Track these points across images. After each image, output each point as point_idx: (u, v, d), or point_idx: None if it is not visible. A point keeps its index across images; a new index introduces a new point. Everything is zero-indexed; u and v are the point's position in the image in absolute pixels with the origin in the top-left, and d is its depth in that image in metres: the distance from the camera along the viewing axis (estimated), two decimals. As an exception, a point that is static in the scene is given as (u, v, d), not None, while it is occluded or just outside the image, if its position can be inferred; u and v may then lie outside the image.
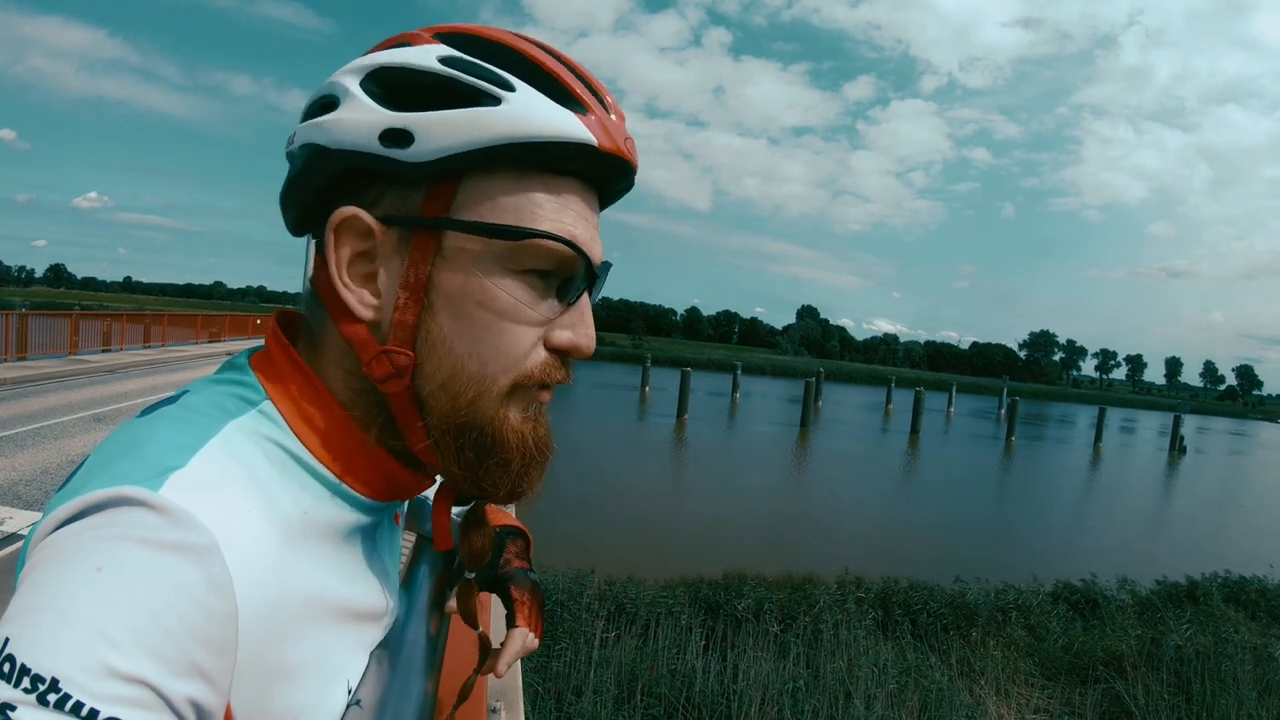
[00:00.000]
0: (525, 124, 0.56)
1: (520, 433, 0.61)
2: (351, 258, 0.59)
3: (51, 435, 9.35)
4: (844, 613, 7.76)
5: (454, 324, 0.58)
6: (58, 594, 0.42)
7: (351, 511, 0.62)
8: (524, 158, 0.57)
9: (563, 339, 0.61)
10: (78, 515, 0.46)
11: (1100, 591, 9.55)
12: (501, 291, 0.58)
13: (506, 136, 0.56)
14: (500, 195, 0.58)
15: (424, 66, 0.57)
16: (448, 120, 0.56)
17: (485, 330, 0.58)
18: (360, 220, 0.58)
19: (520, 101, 0.57)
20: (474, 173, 0.58)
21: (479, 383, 0.59)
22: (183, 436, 0.52)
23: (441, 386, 0.59)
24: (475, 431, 0.60)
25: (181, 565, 0.45)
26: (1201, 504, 24.25)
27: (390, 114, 0.57)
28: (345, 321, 0.60)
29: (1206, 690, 6.52)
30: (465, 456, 0.60)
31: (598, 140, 0.58)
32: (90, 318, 20.42)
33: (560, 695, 5.70)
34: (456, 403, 0.59)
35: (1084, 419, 60.74)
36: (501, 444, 0.60)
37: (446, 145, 0.56)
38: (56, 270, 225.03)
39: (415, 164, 0.56)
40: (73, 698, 0.39)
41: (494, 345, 0.59)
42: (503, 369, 0.59)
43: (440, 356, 0.59)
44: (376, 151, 0.57)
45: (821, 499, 18.47)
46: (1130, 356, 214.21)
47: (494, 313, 0.58)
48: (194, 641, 0.44)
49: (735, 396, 44.00)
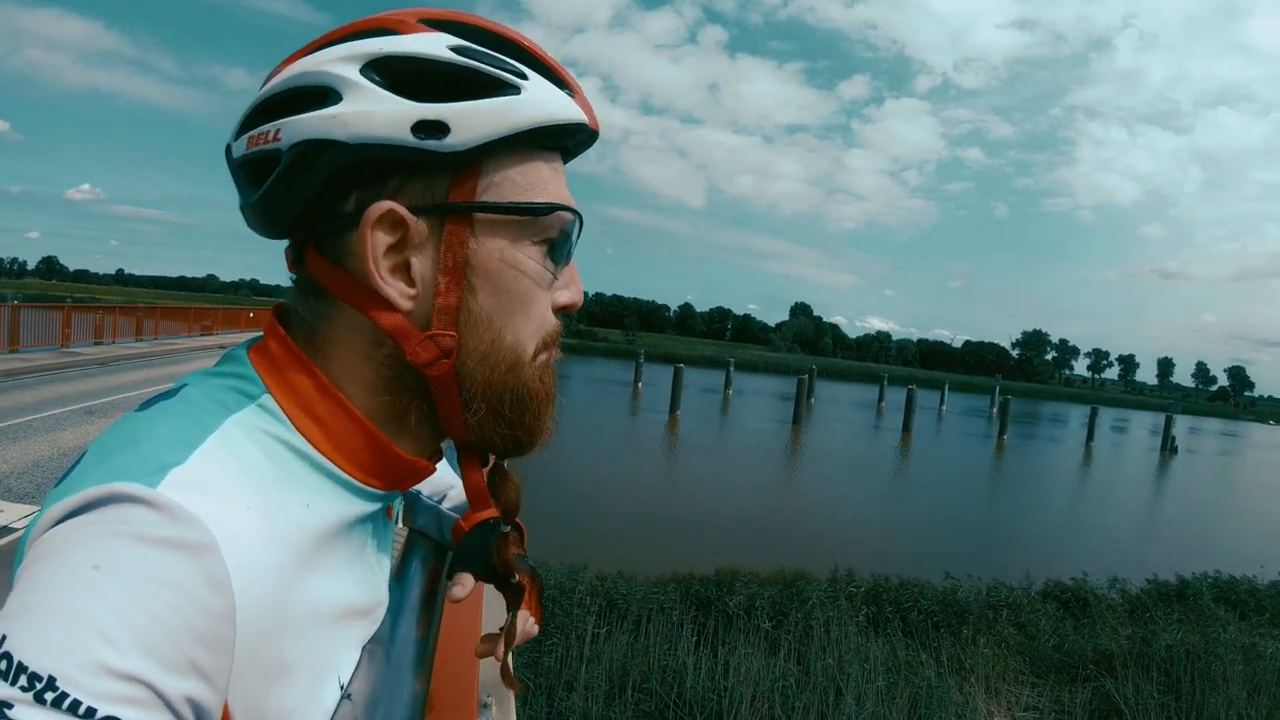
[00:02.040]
0: (543, 109, 0.61)
1: (541, 379, 0.66)
2: (384, 251, 0.59)
3: (43, 428, 9.31)
4: (835, 609, 7.78)
5: (492, 300, 0.62)
6: (55, 591, 0.42)
7: (353, 504, 0.63)
8: (531, 138, 0.61)
9: (564, 297, 0.67)
10: (76, 511, 0.45)
11: (1091, 590, 9.58)
12: (532, 262, 0.63)
13: (532, 122, 0.60)
14: (516, 175, 0.62)
15: (439, 56, 0.58)
16: (480, 110, 0.58)
17: (518, 301, 0.63)
18: (394, 213, 0.58)
19: (535, 89, 0.61)
20: (492, 156, 0.61)
21: (514, 350, 0.64)
22: (182, 432, 0.52)
23: (483, 360, 0.62)
24: (511, 394, 0.64)
25: (179, 563, 0.45)
26: (1192, 504, 24.35)
27: (420, 105, 0.57)
28: (383, 314, 0.60)
29: (1196, 689, 6.54)
30: (506, 417, 0.65)
31: (589, 120, 0.65)
32: (82, 310, 20.32)
33: (551, 690, 5.70)
34: (495, 372, 0.63)
35: (1076, 418, 60.95)
36: (535, 398, 0.66)
37: (482, 134, 0.58)
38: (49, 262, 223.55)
39: (449, 153, 0.58)
40: (70, 696, 0.39)
41: (525, 314, 0.64)
42: (530, 334, 0.64)
43: (481, 332, 0.62)
44: (409, 143, 0.57)
45: (814, 496, 18.52)
46: (1123, 356, 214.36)
47: (523, 285, 0.63)
48: (191, 639, 0.44)
49: (728, 393, 44.02)
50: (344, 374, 0.62)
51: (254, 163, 0.61)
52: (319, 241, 0.62)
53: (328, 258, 0.61)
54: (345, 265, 0.60)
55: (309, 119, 0.58)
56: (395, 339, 0.60)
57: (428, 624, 0.87)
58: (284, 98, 0.60)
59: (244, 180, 0.63)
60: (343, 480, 0.61)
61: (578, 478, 16.75)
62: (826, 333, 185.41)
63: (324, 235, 0.61)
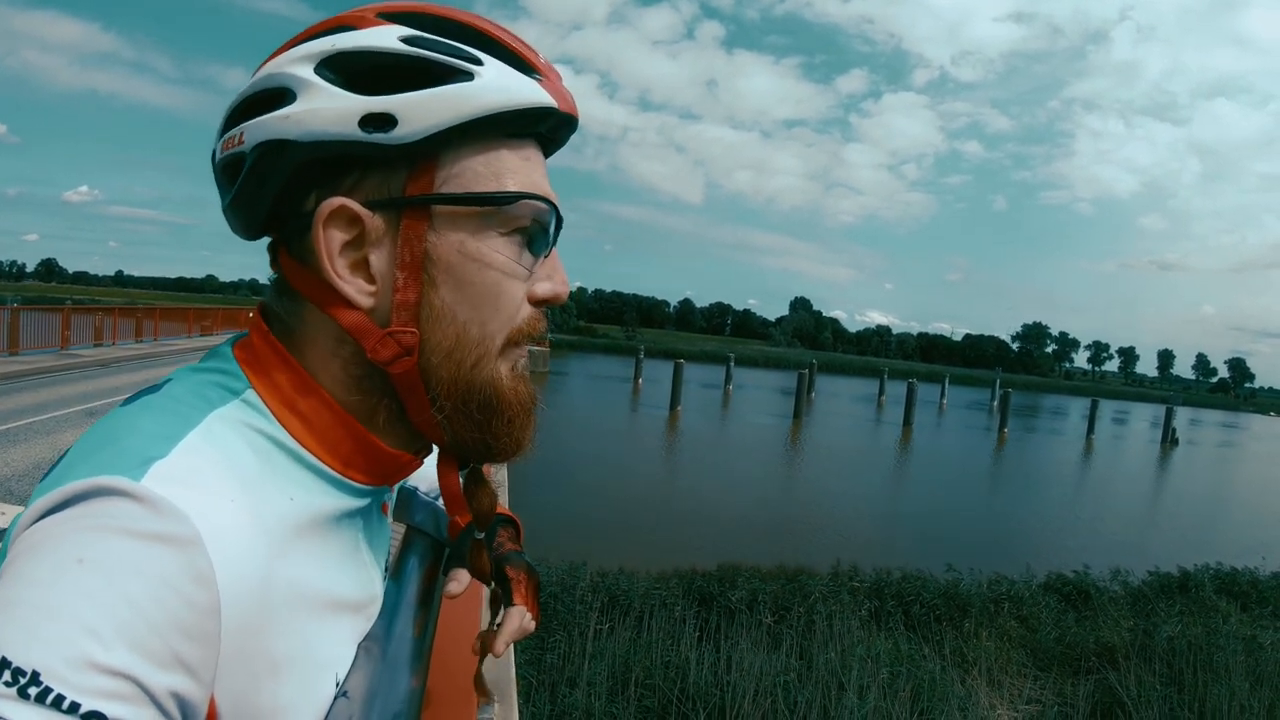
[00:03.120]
0: (500, 95, 0.58)
1: (514, 388, 0.64)
2: (340, 248, 0.59)
3: (44, 430, 9.32)
4: (837, 604, 7.79)
5: (454, 293, 0.60)
6: (39, 586, 0.42)
7: (339, 498, 0.62)
8: (493, 126, 0.59)
9: (544, 290, 0.65)
10: (59, 506, 0.45)
11: (1092, 582, 9.60)
12: (497, 254, 0.61)
13: (486, 109, 0.58)
14: (477, 164, 0.60)
15: (388, 48, 0.57)
16: (428, 100, 0.56)
17: (484, 294, 0.61)
18: (347, 209, 0.58)
19: (491, 75, 0.58)
20: (449, 146, 0.59)
21: (480, 345, 0.61)
22: (165, 426, 0.52)
23: (447, 356, 0.61)
24: (479, 394, 0.62)
25: (163, 556, 0.44)
26: (1193, 496, 24.41)
27: (366, 99, 0.56)
28: (343, 312, 0.60)
29: (1198, 681, 6.55)
30: (475, 419, 0.63)
31: (558, 103, 0.62)
32: (82, 312, 20.31)
33: (554, 687, 5.71)
34: (460, 369, 0.61)
35: (1076, 411, 61.02)
36: (503, 400, 0.63)
37: (431, 124, 0.57)
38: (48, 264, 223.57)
39: (400, 145, 0.57)
40: (54, 691, 0.39)
41: (492, 307, 0.61)
42: (499, 328, 0.62)
43: (444, 327, 0.60)
44: (357, 138, 0.56)
45: (815, 490, 18.55)
46: (1123, 349, 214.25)
47: (491, 277, 0.61)
48: (176, 633, 0.44)
49: (728, 388, 44.09)
50: (319, 371, 0.62)
51: (227, 166, 0.62)
52: (287, 241, 0.63)
53: (294, 257, 0.62)
54: (309, 264, 0.60)
55: (267, 120, 0.58)
56: (355, 337, 0.60)
57: (425, 621, 0.86)
58: (251, 101, 0.60)
59: (222, 183, 0.64)
60: (326, 474, 0.61)
61: (578, 474, 16.78)
62: (826, 327, 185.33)
63: (290, 235, 0.62)
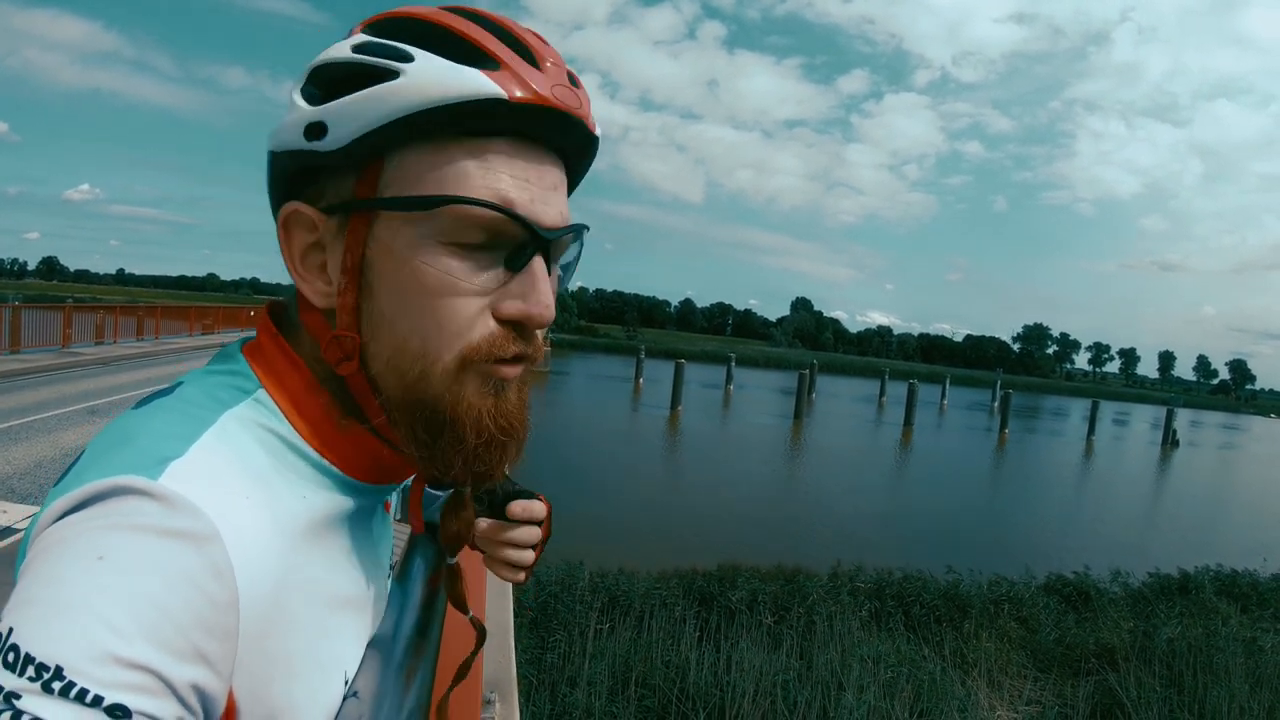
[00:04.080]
0: (424, 91, 0.55)
1: (475, 409, 0.59)
2: (304, 249, 0.62)
3: (45, 429, 9.32)
4: (837, 604, 7.79)
5: (391, 302, 0.59)
6: (60, 583, 0.42)
7: (344, 497, 0.63)
8: (440, 126, 0.57)
9: (512, 309, 0.59)
10: (78, 506, 0.46)
11: (1093, 584, 9.61)
12: (429, 267, 0.57)
13: (407, 107, 0.56)
14: (422, 169, 0.58)
15: (339, 58, 0.59)
16: (350, 104, 0.57)
17: (421, 307, 0.58)
18: (303, 213, 0.61)
19: (417, 70, 0.56)
20: (396, 151, 0.58)
21: (423, 359, 0.58)
22: (180, 427, 0.53)
23: (388, 365, 0.60)
24: (427, 409, 0.59)
25: (183, 552, 0.45)
26: (1194, 497, 24.37)
27: (311, 109, 0.58)
28: (305, 311, 0.63)
29: (1198, 683, 6.55)
30: (419, 436, 0.60)
31: (508, 92, 0.56)
32: (83, 310, 20.27)
33: (554, 687, 5.72)
34: (404, 380, 0.59)
35: (1077, 412, 60.89)
36: (454, 421, 0.59)
37: (354, 128, 0.57)
38: (49, 263, 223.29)
39: (332, 151, 0.58)
40: (77, 685, 0.39)
41: (433, 321, 0.58)
42: (445, 344, 0.58)
43: (384, 336, 0.59)
44: (303, 147, 0.59)
45: (815, 491, 18.52)
46: (1123, 350, 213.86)
47: (428, 289, 0.57)
48: (196, 627, 0.44)
49: (729, 388, 44.08)
50: (314, 369, 0.63)
51: None
52: None
53: None
54: None
55: (270, 134, 0.62)
56: (312, 335, 0.63)
57: (430, 621, 0.86)
58: None
59: None
60: (334, 474, 0.62)
61: (579, 473, 16.77)
62: (827, 327, 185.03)
63: None
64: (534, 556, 0.89)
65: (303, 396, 0.61)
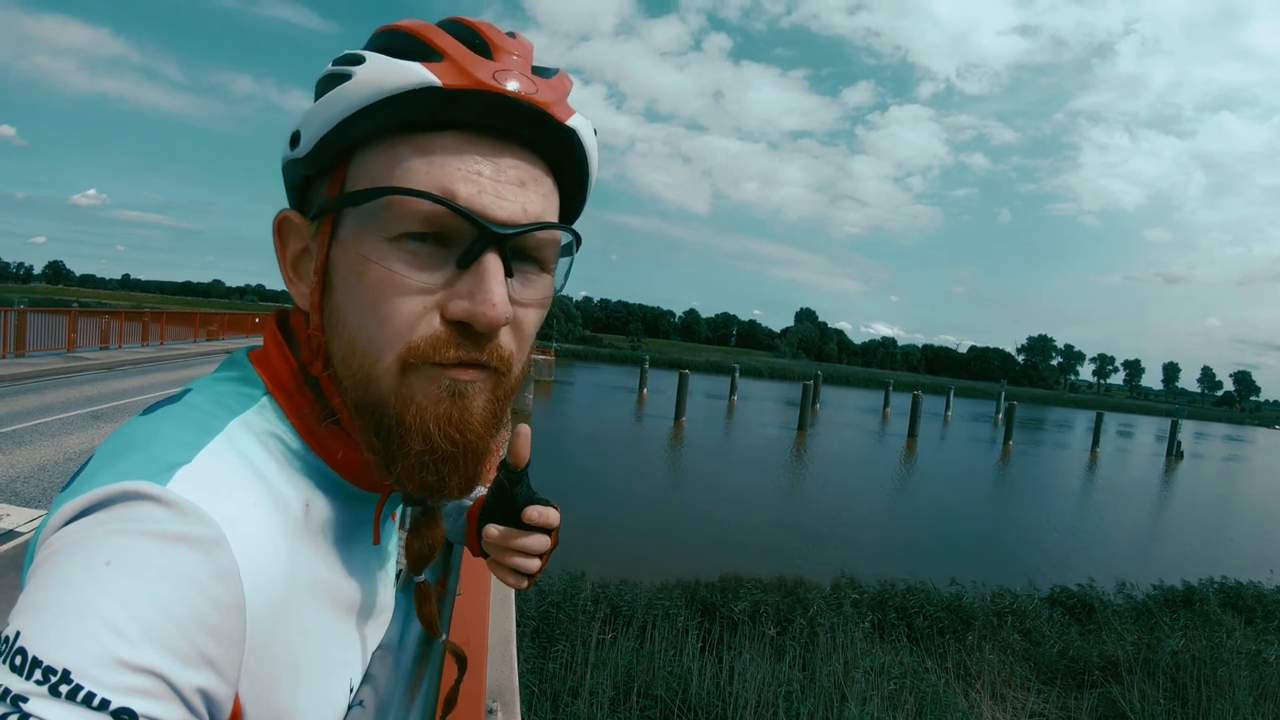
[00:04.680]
0: (365, 88, 0.56)
1: (421, 416, 0.57)
2: (295, 255, 0.64)
3: (49, 433, 9.32)
4: (840, 616, 7.76)
5: (344, 299, 0.59)
6: (67, 587, 0.42)
7: (349, 505, 0.64)
8: (389, 124, 0.57)
9: (457, 309, 0.56)
10: (86, 511, 0.46)
11: (1097, 596, 9.56)
12: (375, 264, 0.56)
13: (351, 105, 0.56)
14: (374, 167, 0.58)
15: (326, 72, 0.61)
16: (314, 109, 0.59)
17: (364, 303, 0.57)
18: (291, 220, 0.63)
19: (364, 69, 0.57)
20: (358, 154, 0.59)
21: (367, 357, 0.57)
22: (187, 433, 0.53)
23: (343, 363, 0.59)
24: (376, 412, 0.58)
25: (189, 557, 0.45)
26: (1198, 509, 24.28)
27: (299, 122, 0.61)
28: (295, 313, 0.65)
29: (1202, 695, 6.52)
30: (371, 440, 0.59)
31: (441, 80, 0.55)
32: (88, 315, 20.25)
33: (556, 696, 5.70)
34: (355, 379, 0.58)
35: (1081, 424, 60.81)
36: (399, 424, 0.57)
37: (315, 132, 0.59)
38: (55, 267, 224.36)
39: (304, 157, 0.60)
40: (84, 688, 0.39)
41: (376, 318, 0.56)
42: (387, 343, 0.56)
43: (340, 333, 0.59)
44: (287, 156, 0.62)
45: (819, 502, 18.48)
46: (1128, 362, 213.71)
47: (369, 284, 0.56)
48: (202, 632, 0.44)
49: (733, 399, 44.01)
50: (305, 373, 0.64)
51: None
52: None
53: None
54: None
55: None
56: (297, 335, 0.64)
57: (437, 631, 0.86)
58: None
59: None
60: (337, 482, 0.62)
61: (582, 482, 16.75)
62: (831, 338, 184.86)
63: None
64: (540, 565, 0.87)
65: (304, 403, 0.62)
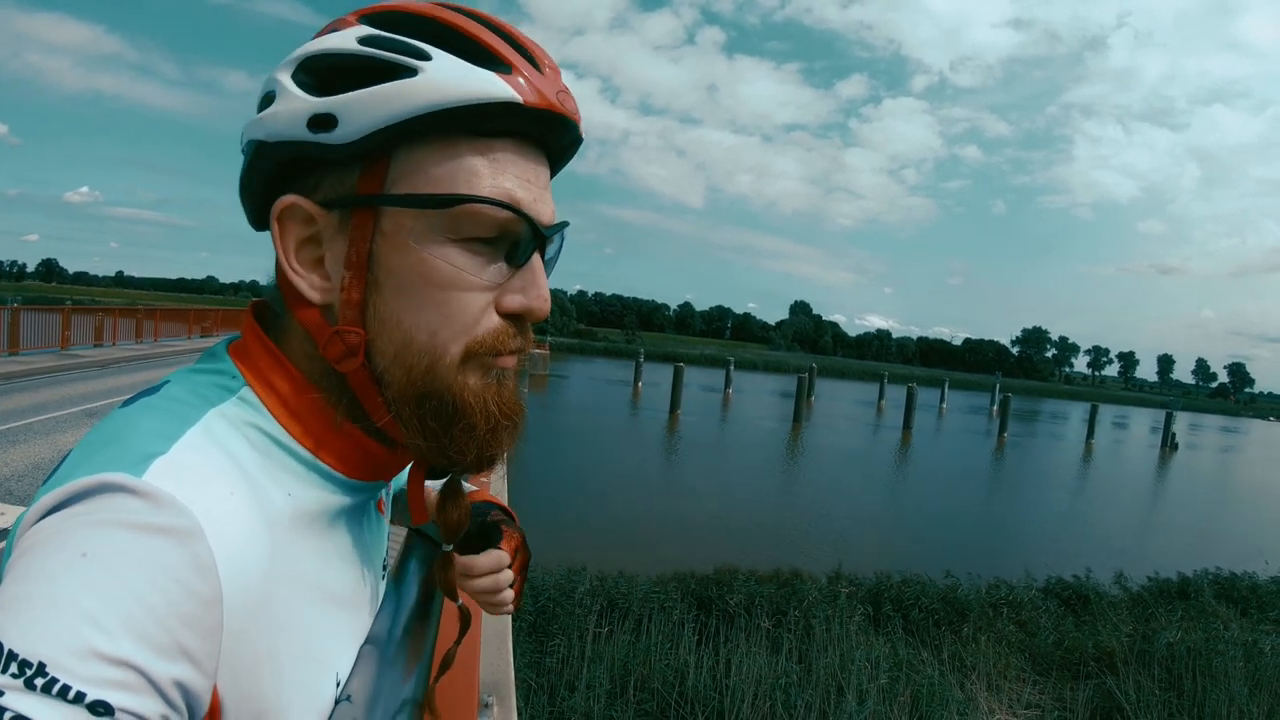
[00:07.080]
0: (444, 90, 0.56)
1: (481, 397, 0.61)
2: (299, 244, 0.61)
3: (43, 430, 9.31)
4: (835, 608, 7.78)
5: (399, 298, 0.59)
6: (43, 580, 0.42)
7: (334, 494, 0.63)
8: (450, 124, 0.57)
9: (514, 303, 0.61)
10: (63, 503, 0.46)
11: (1092, 587, 9.61)
12: (441, 261, 0.58)
13: (428, 105, 0.56)
14: (431, 165, 0.58)
15: (344, 49, 0.58)
16: (366, 98, 0.56)
17: (430, 301, 0.59)
18: (300, 207, 0.60)
19: (436, 69, 0.57)
20: (403, 146, 0.58)
21: (430, 353, 0.59)
22: (165, 425, 0.52)
23: (395, 360, 0.60)
24: (435, 400, 0.60)
25: (165, 548, 0.45)
26: (1193, 500, 24.39)
27: (316, 100, 0.57)
28: (300, 307, 0.62)
29: (1198, 686, 6.55)
30: (429, 426, 0.61)
31: (522, 97, 0.58)
32: (82, 312, 20.26)
33: (553, 690, 5.71)
34: (411, 374, 0.59)
35: (1076, 415, 61.00)
36: (464, 410, 0.60)
37: (369, 122, 0.56)
38: (48, 265, 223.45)
39: (342, 145, 0.57)
40: (60, 681, 0.39)
41: (441, 315, 0.59)
42: (452, 337, 0.59)
43: (390, 331, 0.59)
44: (306, 138, 0.58)
45: (814, 494, 18.52)
46: (1122, 353, 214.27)
47: (437, 283, 0.58)
48: (179, 623, 0.44)
49: (728, 392, 44.06)
50: (301, 366, 0.63)
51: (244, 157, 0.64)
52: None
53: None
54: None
55: (251, 122, 0.61)
56: (308, 331, 0.62)
57: (425, 624, 0.86)
58: (258, 103, 0.62)
59: None
60: (322, 470, 0.62)
61: (578, 476, 16.78)
62: (826, 331, 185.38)
63: None
64: (514, 593, 0.92)
65: (289, 394, 0.61)
